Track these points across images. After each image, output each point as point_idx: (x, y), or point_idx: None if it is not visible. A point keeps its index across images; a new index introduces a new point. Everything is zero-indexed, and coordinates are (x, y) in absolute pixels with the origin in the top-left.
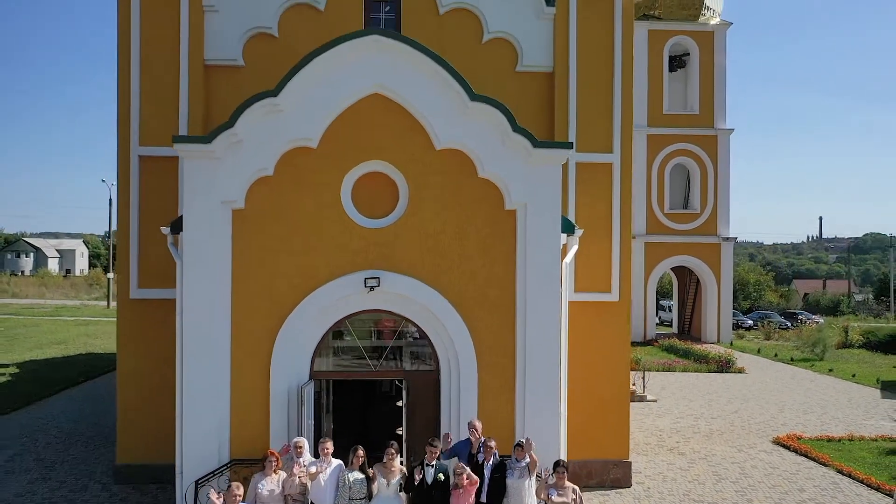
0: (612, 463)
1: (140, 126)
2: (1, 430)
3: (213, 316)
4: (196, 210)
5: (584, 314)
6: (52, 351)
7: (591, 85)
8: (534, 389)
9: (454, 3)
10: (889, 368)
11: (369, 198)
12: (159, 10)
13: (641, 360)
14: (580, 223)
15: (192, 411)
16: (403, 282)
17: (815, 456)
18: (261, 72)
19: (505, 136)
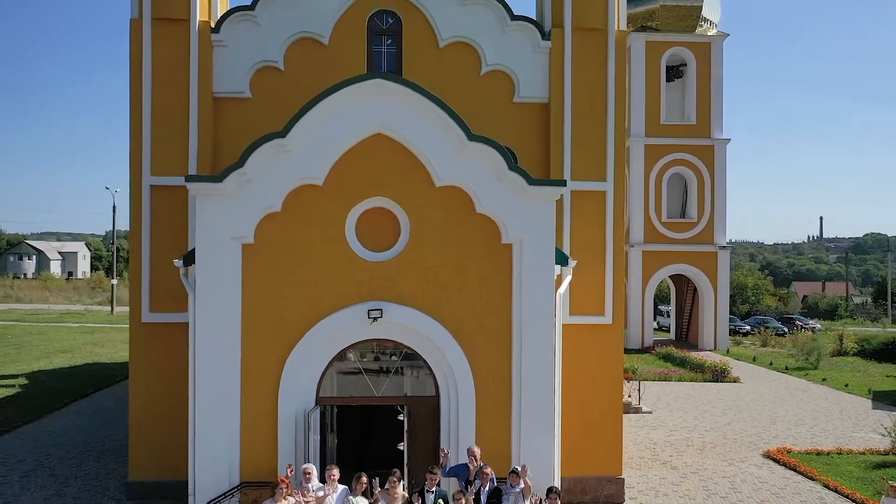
0: (605, 479)
1: (152, 156)
2: (16, 444)
3: (224, 345)
4: (208, 245)
5: (578, 336)
6: (58, 360)
7: (586, 116)
8: (529, 416)
9: (453, 37)
10: (882, 378)
11: (372, 232)
12: (170, 44)
13: (638, 370)
14: (575, 248)
15: (204, 435)
16: (405, 312)
17: (804, 470)
18: (267, 103)
19: (501, 175)
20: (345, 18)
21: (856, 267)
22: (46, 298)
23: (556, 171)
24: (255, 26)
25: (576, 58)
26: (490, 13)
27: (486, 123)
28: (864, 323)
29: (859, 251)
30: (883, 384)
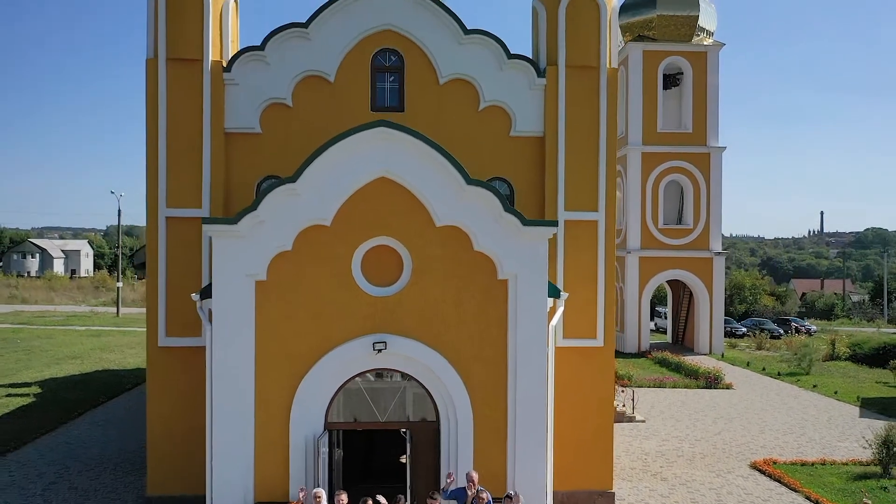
0: (597, 493)
1: (167, 189)
2: (35, 455)
3: (239, 375)
4: (223, 282)
5: (572, 358)
6: (68, 367)
7: (579, 149)
8: (524, 440)
9: (453, 74)
10: (871, 384)
11: (377, 268)
12: (184, 83)
13: (633, 377)
14: (568, 275)
15: (220, 459)
16: (407, 344)
17: (788, 482)
18: (276, 138)
19: (498, 216)
20: (350, 56)
21: (856, 262)
22: (52, 299)
23: (550, 201)
24: (264, 65)
25: (569, 94)
26: (488, 52)
27: (485, 156)
28: (861, 323)
29: (860, 246)
30: (872, 391)
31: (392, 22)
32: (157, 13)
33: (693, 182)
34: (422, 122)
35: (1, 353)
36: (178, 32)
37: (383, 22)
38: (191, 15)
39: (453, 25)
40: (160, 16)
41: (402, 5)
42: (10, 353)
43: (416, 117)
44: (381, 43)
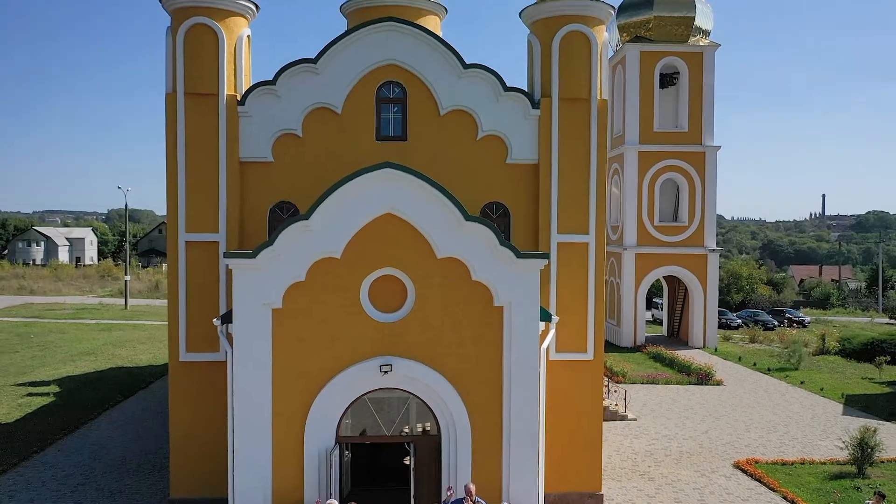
0: (586, 495)
1: (186, 215)
2: (61, 457)
3: (257, 393)
4: (243, 311)
5: (564, 370)
6: (83, 364)
7: (570, 175)
8: (517, 452)
9: (452, 105)
10: (857, 380)
11: (383, 296)
12: (201, 116)
13: (627, 374)
14: (560, 293)
15: (241, 469)
16: (411, 366)
17: (767, 481)
18: (288, 166)
19: (493, 248)
20: (356, 89)
21: (857, 245)
22: (59, 290)
23: (544, 225)
24: (276, 98)
25: (562, 124)
26: (486, 85)
27: (483, 182)
28: (856, 312)
29: (861, 229)
30: (857, 387)
31: (395, 57)
32: (175, 51)
33: (688, 180)
34: (424, 151)
35: (17, 349)
36: (195, 69)
37: (387, 57)
38: (207, 52)
39: (453, 60)
40: (178, 53)
41: (405, 41)
42: (26, 349)
43: (419, 146)
44: (385, 76)
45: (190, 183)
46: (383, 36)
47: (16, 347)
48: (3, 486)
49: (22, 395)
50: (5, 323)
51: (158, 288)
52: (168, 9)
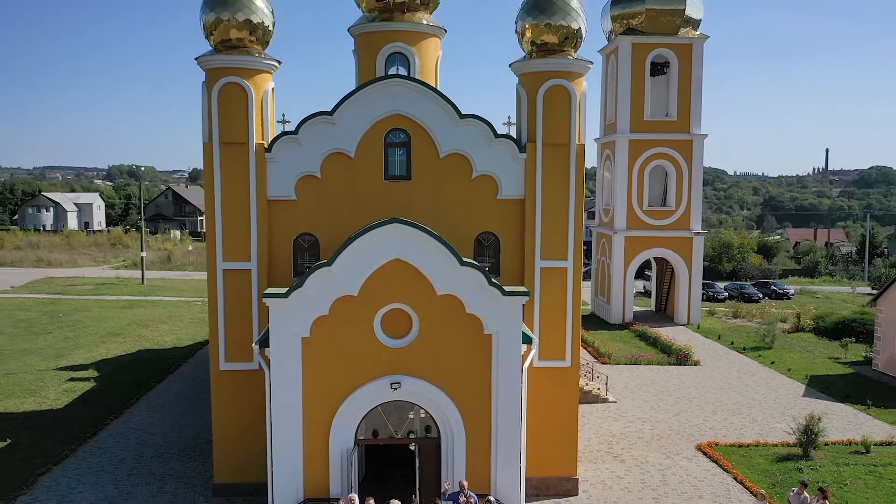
0: (564, 479)
1: (223, 247)
2: (112, 442)
3: (291, 405)
4: (278, 340)
5: (546, 375)
6: (113, 346)
7: (552, 210)
8: (503, 452)
9: (450, 150)
10: (824, 359)
11: (392, 326)
12: (234, 161)
13: (612, 355)
14: (543, 310)
15: (278, 466)
16: (416, 383)
17: (723, 463)
18: (308, 203)
19: (483, 288)
20: (367, 136)
21: (858, 201)
22: (75, 261)
23: (529, 252)
24: (298, 145)
25: (545, 166)
26: (479, 132)
27: (477, 215)
28: (842, 281)
29: (863, 185)
30: (822, 368)
31: (401, 108)
32: (211, 105)
33: (676, 167)
34: (426, 189)
35: (49, 330)
36: (228, 122)
37: (394, 108)
38: (238, 107)
39: (451, 111)
40: (213, 107)
41: (410, 95)
42: (57, 329)
43: (421, 185)
44: (392, 124)
45: (225, 219)
46: (391, 90)
47: (48, 328)
48: (69, 471)
49: (65, 379)
50: (33, 300)
51: (171, 259)
52: (203, 67)
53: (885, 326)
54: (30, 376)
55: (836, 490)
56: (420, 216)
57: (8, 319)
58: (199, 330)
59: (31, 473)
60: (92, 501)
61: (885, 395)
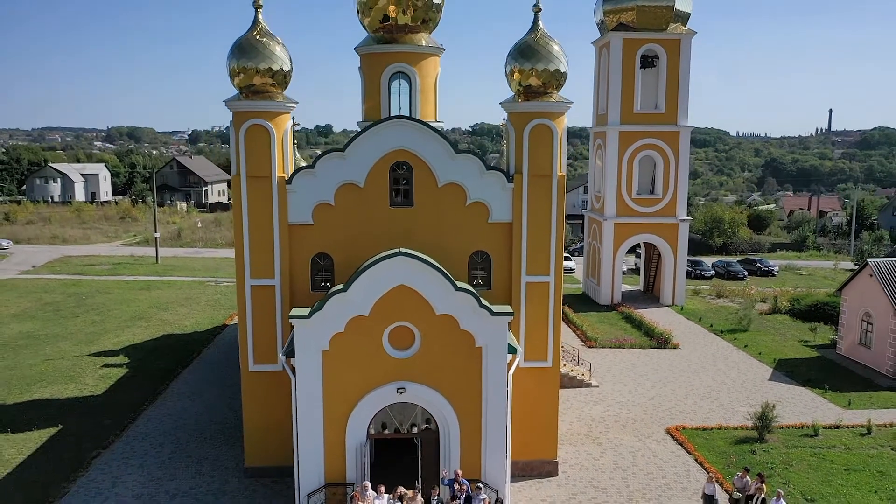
0: (545, 462)
1: (250, 266)
2: (150, 427)
3: (313, 406)
4: (302, 353)
5: (530, 374)
6: (139, 332)
7: (536, 233)
8: (491, 445)
9: (448, 180)
10: (794, 342)
11: (398, 340)
12: (259, 193)
13: (598, 339)
14: (528, 319)
15: (304, 457)
16: (418, 388)
17: (687, 446)
18: (323, 227)
19: (475, 308)
20: (374, 169)
21: (860, 163)
22: (88, 237)
23: (516, 269)
24: (314, 178)
25: (530, 194)
26: (472, 165)
27: (471, 237)
28: (828, 256)
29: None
30: (791, 351)
31: (404, 144)
32: (238, 144)
33: (664, 157)
34: (426, 214)
35: (76, 314)
36: (253, 158)
37: (398, 144)
38: (261, 145)
39: (448, 147)
40: (240, 146)
41: (412, 133)
42: (84, 312)
43: (423, 211)
44: (396, 158)
45: (252, 242)
46: (396, 129)
47: (75, 311)
48: (117, 454)
49: (99, 365)
50: (55, 282)
51: (181, 236)
52: (231, 109)
53: (848, 315)
54: (67, 362)
55: (782, 470)
56: (421, 238)
57: (36, 303)
58: (216, 313)
59: (84, 456)
60: (141, 482)
61: (843, 379)
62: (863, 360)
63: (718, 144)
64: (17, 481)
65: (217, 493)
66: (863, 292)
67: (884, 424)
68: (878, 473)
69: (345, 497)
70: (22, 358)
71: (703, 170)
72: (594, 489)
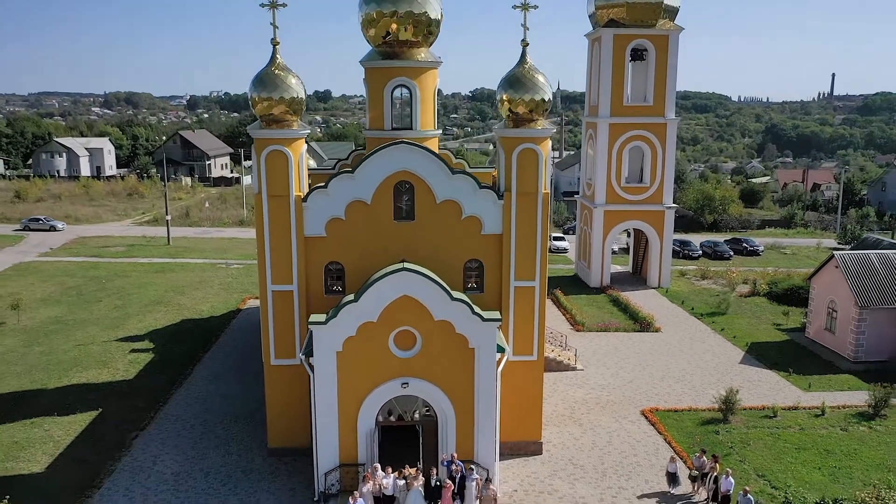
0: (531, 442)
1: (271, 273)
2: (180, 409)
3: (329, 399)
4: (320, 354)
5: (517, 367)
6: (158, 316)
7: (523, 243)
8: (482, 431)
9: (445, 197)
10: (768, 325)
11: (402, 342)
12: (279, 209)
13: (585, 324)
14: (516, 319)
15: (321, 442)
16: (420, 382)
17: (658, 427)
18: (335, 239)
19: (468, 315)
20: (380, 187)
21: (860, 129)
22: (99, 216)
23: (505, 275)
24: (327, 196)
25: (518, 210)
26: (467, 183)
27: (466, 246)
28: (815, 233)
29: (866, 112)
30: (763, 334)
31: (407, 166)
32: (259, 166)
33: (651, 147)
34: (426, 227)
35: (99, 298)
36: (273, 180)
37: (402, 166)
38: (280, 168)
39: (445, 168)
40: (262, 168)
41: (414, 156)
42: (106, 297)
43: (423, 224)
44: (399, 178)
45: (273, 253)
46: (400, 153)
47: (97, 295)
48: (153, 435)
49: (127, 351)
50: (75, 265)
51: (189, 215)
52: (253, 136)
53: (816, 301)
54: (97, 347)
55: (740, 449)
56: (422, 248)
57: (59, 286)
58: (229, 297)
59: (125, 437)
60: (178, 460)
61: (808, 363)
62: (827, 343)
63: (719, 110)
64: (70, 461)
65: (245, 470)
66: (829, 282)
67: (837, 406)
68: (824, 452)
69: (357, 476)
70: (55, 343)
71: (704, 136)
72: (573, 466)
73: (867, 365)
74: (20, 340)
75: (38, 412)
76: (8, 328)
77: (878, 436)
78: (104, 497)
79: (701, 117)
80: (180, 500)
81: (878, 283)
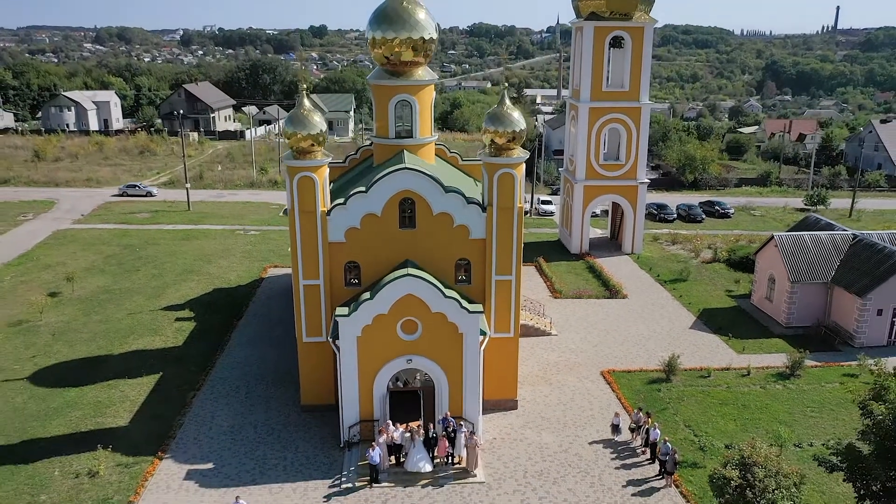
0: (508, 400)
1: (303, 271)
2: (225, 373)
3: (351, 371)
4: (344, 337)
5: (498, 343)
6: (192, 285)
7: (502, 245)
8: (469, 393)
9: (440, 210)
10: (720, 293)
11: (407, 328)
12: (307, 222)
13: (563, 291)
14: (497, 306)
15: (346, 401)
16: (421, 359)
17: (613, 386)
18: (353, 244)
19: (458, 309)
20: (388, 203)
21: (861, 66)
22: (118, 178)
23: (488, 270)
24: (346, 210)
25: (498, 220)
26: (458, 199)
27: (456, 248)
28: (788, 192)
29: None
30: (715, 301)
31: (410, 187)
32: (293, 189)
33: (627, 129)
34: (425, 234)
35: (137, 267)
36: (303, 200)
37: (405, 186)
38: (309, 191)
39: (440, 188)
40: (294, 190)
41: (416, 178)
42: (143, 266)
43: (423, 232)
44: (403, 195)
45: (304, 255)
46: (404, 176)
47: (135, 265)
48: (207, 395)
49: (172, 319)
50: (107, 232)
51: (202, 178)
52: (286, 165)
53: (759, 273)
54: (146, 316)
55: (675, 405)
56: (422, 250)
57: (98, 255)
58: (252, 265)
59: (185, 396)
60: (230, 415)
61: (747, 327)
62: (766, 310)
63: (720, 45)
64: (147, 416)
65: (284, 423)
66: (770, 258)
67: (762, 367)
68: (742, 406)
69: (373, 429)
70: (109, 312)
71: (703, 73)
72: (541, 419)
73: (795, 329)
74: (79, 310)
75: (110, 375)
76: (66, 298)
77: (789, 393)
78: (179, 444)
79: (701, 53)
80: (238, 447)
81: (809, 261)
